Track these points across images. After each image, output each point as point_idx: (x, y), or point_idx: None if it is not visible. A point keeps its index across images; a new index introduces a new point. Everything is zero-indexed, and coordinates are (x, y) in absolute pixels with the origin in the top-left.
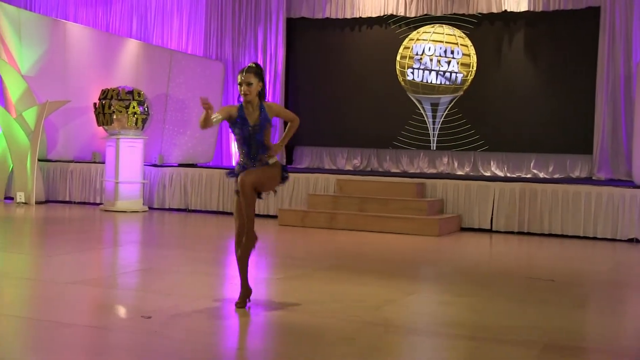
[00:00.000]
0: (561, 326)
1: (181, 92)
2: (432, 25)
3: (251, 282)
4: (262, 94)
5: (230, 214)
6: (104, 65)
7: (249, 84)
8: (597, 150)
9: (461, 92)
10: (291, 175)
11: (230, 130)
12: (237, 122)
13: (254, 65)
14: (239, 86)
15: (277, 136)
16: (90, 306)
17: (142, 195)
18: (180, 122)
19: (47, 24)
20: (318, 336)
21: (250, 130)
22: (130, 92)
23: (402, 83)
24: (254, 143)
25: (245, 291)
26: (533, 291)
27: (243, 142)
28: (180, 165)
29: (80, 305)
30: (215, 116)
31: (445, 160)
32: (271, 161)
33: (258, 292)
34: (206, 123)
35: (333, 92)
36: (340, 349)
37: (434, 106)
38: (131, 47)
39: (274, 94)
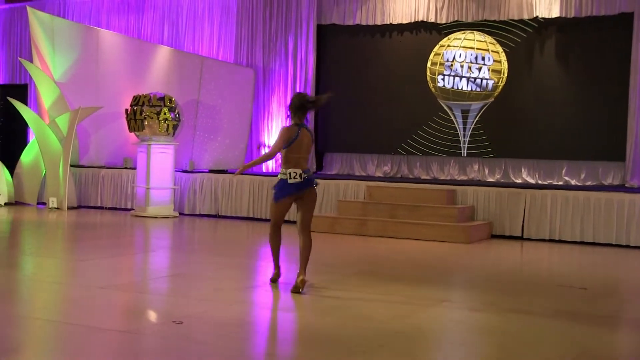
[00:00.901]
0: (593, 337)
1: (212, 99)
2: (462, 31)
3: (282, 287)
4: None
5: (261, 219)
6: (136, 72)
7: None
8: (630, 157)
9: (492, 99)
10: (321, 182)
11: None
12: (294, 138)
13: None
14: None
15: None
16: (122, 311)
17: (172, 201)
18: (211, 128)
19: (80, 30)
20: (347, 343)
21: (302, 147)
22: (162, 99)
23: (433, 89)
24: (304, 158)
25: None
26: (565, 300)
27: (295, 155)
28: (211, 171)
29: (111, 310)
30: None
31: (475, 167)
32: (312, 176)
33: (287, 298)
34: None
35: (363, 99)
36: (369, 356)
37: (465, 113)
38: (162, 54)
39: None
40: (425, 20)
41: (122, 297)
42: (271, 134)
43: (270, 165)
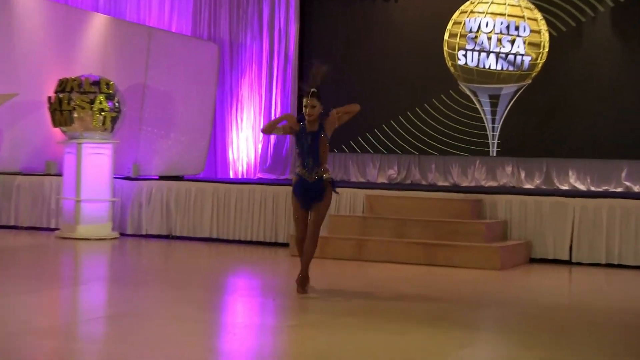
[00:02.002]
0: None
1: (163, 82)
2: None
3: (255, 330)
4: (322, 115)
5: (227, 241)
6: (62, 48)
7: (313, 107)
8: None
9: (529, 81)
10: None
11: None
12: (298, 138)
13: (316, 90)
14: (304, 108)
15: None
16: None
17: (111, 218)
18: (162, 122)
19: None
20: None
21: (306, 140)
22: (96, 83)
23: (452, 69)
24: (309, 154)
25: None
26: (630, 344)
27: (300, 152)
28: (162, 177)
29: None
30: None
31: (508, 169)
32: (325, 176)
33: (264, 344)
34: (273, 130)
35: (360, 83)
36: None
37: (494, 99)
38: (97, 24)
39: (285, 85)
40: None
41: (44, 346)
42: (241, 128)
43: (241, 169)
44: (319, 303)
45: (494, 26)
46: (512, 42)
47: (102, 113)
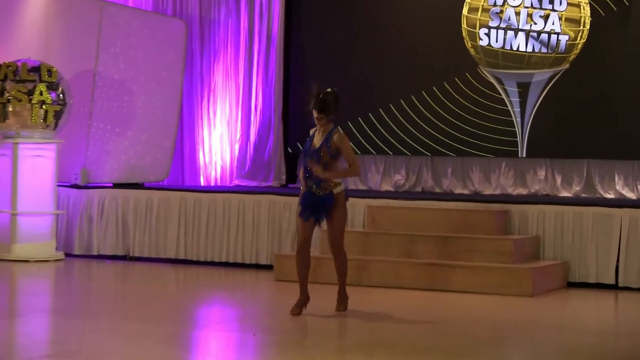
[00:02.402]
0: None
1: (118, 68)
2: None
3: None
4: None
5: (196, 262)
6: None
7: (320, 119)
8: None
9: (567, 65)
10: (293, 202)
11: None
12: (304, 145)
13: (331, 90)
14: (314, 111)
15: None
16: None
17: (54, 235)
18: (117, 117)
19: None
20: None
21: (311, 152)
22: (36, 69)
23: (472, 51)
24: (311, 166)
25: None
26: None
27: (304, 166)
28: (117, 185)
29: None
30: None
31: (541, 174)
32: (336, 190)
33: None
34: None
35: (359, 70)
36: None
37: (523, 88)
38: None
39: (267, 72)
40: None
41: None
42: (214, 124)
43: (214, 174)
44: (309, 338)
45: None
46: (546, 18)
47: (44, 106)
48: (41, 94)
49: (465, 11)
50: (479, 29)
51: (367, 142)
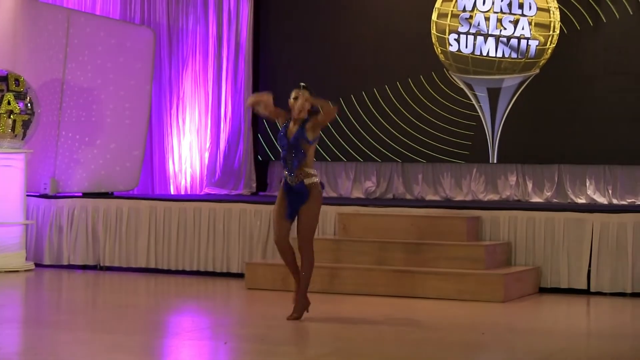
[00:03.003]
0: None
1: (87, 78)
2: None
3: None
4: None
5: (167, 271)
6: None
7: (305, 101)
8: None
9: (537, 71)
10: (264, 210)
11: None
12: (279, 133)
13: (306, 84)
14: (293, 100)
15: None
16: None
17: (24, 245)
18: (86, 126)
19: None
20: None
21: (286, 145)
22: (4, 79)
23: (441, 57)
24: (288, 155)
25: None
26: None
27: (282, 156)
28: (87, 195)
29: None
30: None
31: (512, 179)
32: (307, 181)
33: None
34: (258, 104)
35: (327, 75)
36: None
37: (494, 93)
38: (3, 5)
39: (236, 78)
40: None
41: None
42: (183, 132)
43: (184, 183)
44: (282, 347)
45: (493, 3)
46: (515, 23)
47: (11, 116)
48: (9, 103)
49: (434, 17)
50: (449, 35)
51: (337, 149)
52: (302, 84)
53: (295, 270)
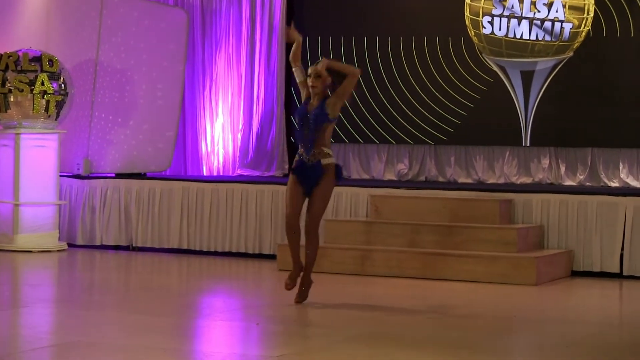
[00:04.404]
0: None
1: (120, 58)
2: None
3: None
4: (331, 90)
5: (199, 252)
6: None
7: (317, 77)
8: None
9: (570, 53)
10: None
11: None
12: (297, 109)
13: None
14: (308, 77)
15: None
16: None
17: (57, 226)
18: (119, 107)
19: None
20: None
21: (304, 121)
22: (37, 59)
23: (475, 40)
24: (306, 132)
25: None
26: None
27: (297, 133)
28: (120, 175)
29: None
30: (298, 71)
31: (545, 162)
32: (324, 161)
33: None
34: (295, 57)
35: (362, 58)
36: None
37: (527, 76)
38: None
39: (269, 61)
40: None
41: None
42: (216, 114)
43: (217, 164)
44: (313, 329)
45: None
46: (549, 5)
47: (45, 96)
48: (43, 84)
49: (468, 0)
50: (482, 17)
51: (370, 131)
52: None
53: (297, 253)
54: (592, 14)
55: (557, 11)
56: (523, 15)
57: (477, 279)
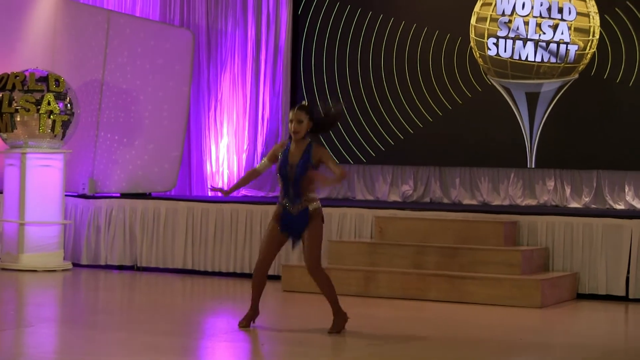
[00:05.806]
0: None
1: (126, 78)
2: None
3: None
4: (314, 132)
5: (204, 273)
6: (2, 36)
7: (299, 122)
8: None
9: (576, 76)
10: None
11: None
12: (279, 158)
13: (305, 103)
14: (289, 123)
15: None
16: None
17: (62, 245)
18: (125, 127)
19: None
20: None
21: (288, 169)
22: (44, 79)
23: (480, 61)
24: (290, 184)
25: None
26: None
27: (281, 181)
28: (125, 195)
29: None
30: (262, 163)
31: (550, 184)
32: (311, 207)
33: None
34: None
35: (366, 80)
36: None
37: (532, 98)
38: (45, 6)
39: (274, 82)
40: None
41: None
42: (221, 134)
43: (221, 184)
44: (317, 350)
45: (532, 8)
46: (555, 27)
47: (51, 116)
48: (49, 103)
49: (473, 21)
50: (487, 39)
51: (375, 152)
52: (302, 102)
53: (257, 297)
54: (597, 36)
55: (562, 33)
56: (528, 37)
57: (482, 301)
